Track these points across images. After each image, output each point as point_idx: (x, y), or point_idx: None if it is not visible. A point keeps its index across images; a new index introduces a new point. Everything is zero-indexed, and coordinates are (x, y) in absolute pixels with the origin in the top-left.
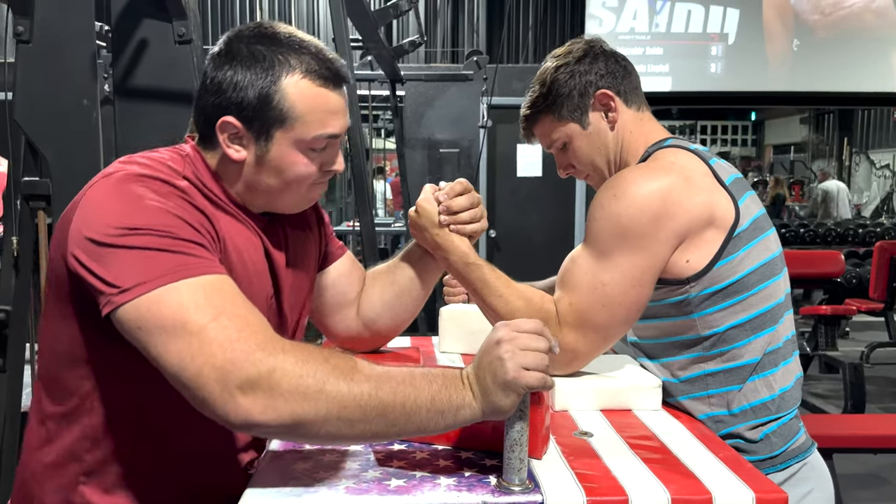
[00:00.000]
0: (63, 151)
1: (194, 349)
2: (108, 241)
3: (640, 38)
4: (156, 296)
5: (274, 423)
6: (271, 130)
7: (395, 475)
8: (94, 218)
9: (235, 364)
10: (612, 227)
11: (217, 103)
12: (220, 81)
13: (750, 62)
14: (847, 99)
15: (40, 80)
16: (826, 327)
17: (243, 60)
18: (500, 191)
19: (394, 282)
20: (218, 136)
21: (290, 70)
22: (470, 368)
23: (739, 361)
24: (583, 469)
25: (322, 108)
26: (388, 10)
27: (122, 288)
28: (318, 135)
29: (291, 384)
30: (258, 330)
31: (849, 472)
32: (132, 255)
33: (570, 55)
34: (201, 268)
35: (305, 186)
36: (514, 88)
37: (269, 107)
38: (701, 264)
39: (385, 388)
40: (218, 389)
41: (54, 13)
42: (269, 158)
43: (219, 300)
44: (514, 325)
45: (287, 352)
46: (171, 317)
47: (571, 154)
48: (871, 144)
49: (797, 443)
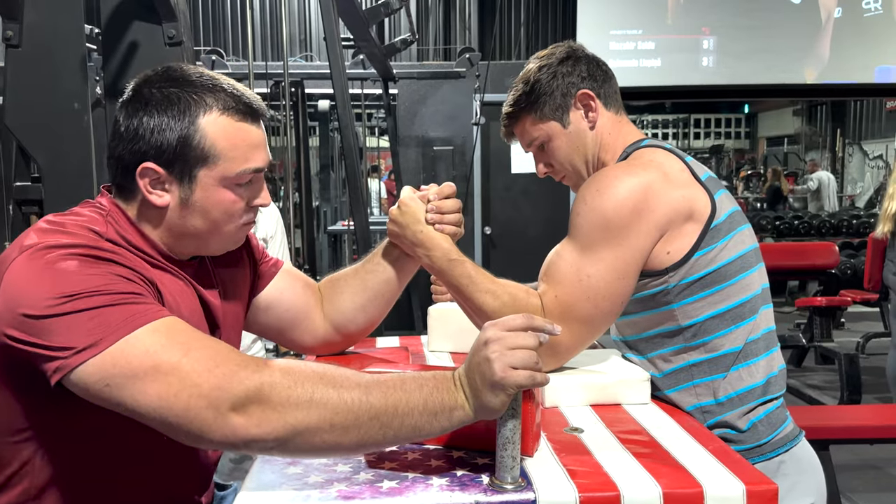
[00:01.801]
0: (55, 155)
1: (175, 387)
2: (47, 312)
3: (631, 32)
4: (117, 349)
5: (270, 437)
6: (194, 171)
7: (388, 477)
8: (25, 294)
9: (223, 388)
10: (596, 221)
11: (135, 150)
12: (136, 128)
13: (741, 55)
14: (839, 90)
15: (30, 85)
16: (821, 318)
17: (157, 104)
18: (495, 187)
19: (366, 286)
20: (138, 183)
21: (207, 108)
22: (461, 369)
23: (721, 351)
24: (574, 465)
25: (244, 142)
26: (379, 9)
27: (77, 349)
28: (242, 170)
29: (282, 396)
30: (230, 352)
31: (845, 462)
32: (79, 318)
33: (552, 57)
34: (151, 314)
35: (234, 225)
36: (507, 85)
37: (190, 147)
38: (680, 254)
39: (375, 393)
40: (212, 416)
41: (43, 17)
42: (194, 200)
43: (182, 338)
44: (503, 324)
45: (271, 366)
46: (141, 364)
47: (550, 153)
48: (864, 135)
49: (784, 431)
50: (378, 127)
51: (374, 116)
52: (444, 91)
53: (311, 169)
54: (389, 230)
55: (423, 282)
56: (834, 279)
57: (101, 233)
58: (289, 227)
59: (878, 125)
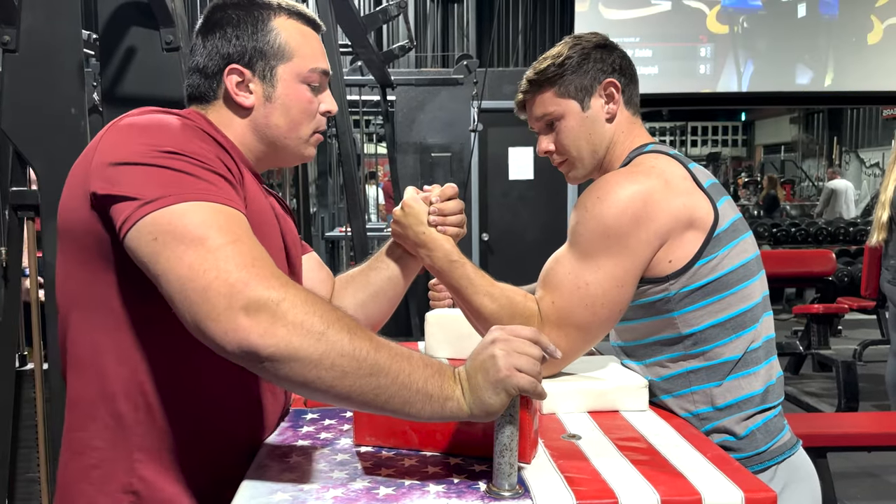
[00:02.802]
0: (51, 161)
1: (209, 263)
2: (136, 159)
3: (628, 40)
4: (179, 209)
5: (268, 351)
6: (275, 68)
7: (384, 483)
8: (120, 145)
9: (248, 284)
10: (596, 228)
11: (219, 56)
12: (218, 39)
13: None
14: (836, 98)
15: (27, 90)
16: (819, 326)
17: (233, 18)
18: (492, 194)
19: (368, 283)
20: (226, 85)
21: (276, 12)
22: (462, 368)
23: (721, 359)
24: (572, 472)
25: (312, 43)
26: (377, 16)
27: (144, 200)
28: (314, 67)
29: (297, 317)
30: (271, 262)
31: (843, 470)
32: (160, 172)
33: (588, 41)
34: (225, 198)
35: (309, 127)
36: (505, 92)
37: (268, 45)
38: (682, 262)
39: (384, 353)
40: (223, 305)
41: (41, 22)
42: (276, 96)
43: (238, 230)
44: (511, 330)
45: (299, 289)
46: (193, 231)
47: (560, 132)
48: (861, 143)
49: (782, 440)
50: (376, 133)
51: (372, 123)
52: (441, 98)
53: (308, 175)
54: (393, 230)
55: (420, 289)
56: (831, 286)
57: (191, 120)
58: None
59: (875, 133)
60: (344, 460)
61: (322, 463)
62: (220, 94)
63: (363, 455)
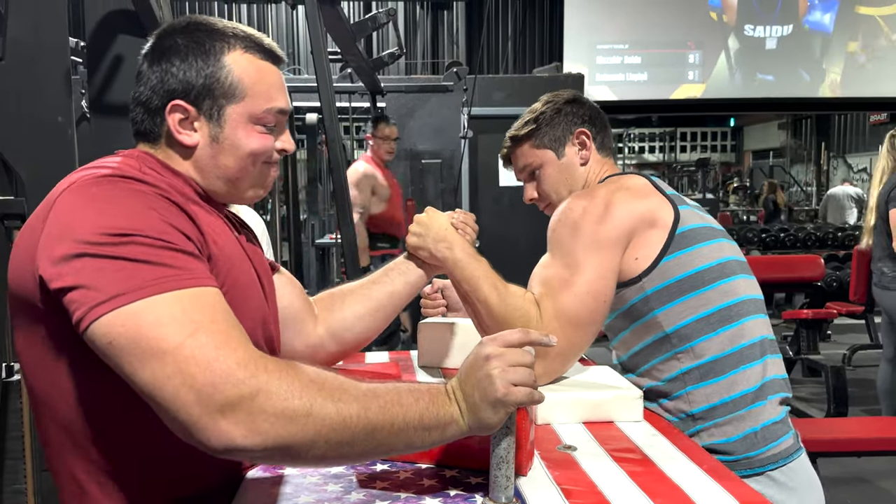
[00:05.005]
0: (38, 169)
1: (169, 370)
2: (86, 250)
3: (617, 47)
4: (132, 309)
5: (258, 448)
6: (223, 107)
7: (380, 497)
8: (71, 229)
9: (216, 386)
10: (569, 232)
11: (163, 91)
12: (164, 71)
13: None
14: (823, 104)
15: (14, 98)
16: (808, 331)
17: (182, 48)
18: (483, 200)
19: (370, 296)
20: (168, 122)
21: (231, 47)
22: (455, 383)
23: (710, 356)
24: (568, 484)
25: (267, 81)
26: (366, 23)
27: (97, 301)
28: (268, 108)
29: (277, 407)
30: (238, 346)
31: (833, 475)
32: (111, 264)
33: (559, 97)
34: (183, 280)
35: (260, 165)
36: (495, 98)
37: (218, 83)
38: (649, 260)
39: (373, 408)
40: (197, 412)
41: (27, 29)
42: (223, 137)
43: (197, 315)
44: (501, 339)
45: (270, 371)
46: (148, 332)
47: (540, 180)
48: (848, 148)
49: (784, 445)
50: (366, 140)
51: (362, 130)
52: (431, 104)
53: (298, 182)
54: (409, 239)
55: (415, 298)
56: (820, 291)
57: (138, 169)
58: (276, 240)
59: (862, 139)
60: (338, 473)
61: (316, 476)
62: (164, 131)
63: (357, 468)
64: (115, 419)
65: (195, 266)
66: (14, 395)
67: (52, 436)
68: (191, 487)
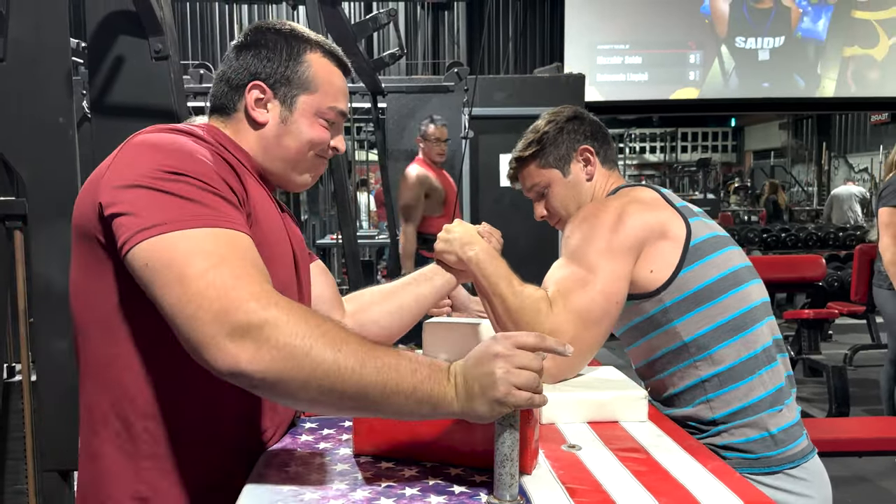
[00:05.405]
0: (39, 170)
1: (191, 292)
2: (140, 182)
3: (618, 47)
4: (171, 238)
5: (258, 375)
6: (296, 96)
7: (384, 494)
8: (130, 166)
9: (228, 312)
10: (583, 238)
11: (247, 72)
12: (251, 57)
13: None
14: (824, 104)
15: (15, 99)
16: (809, 331)
17: (272, 41)
18: (484, 200)
19: (396, 298)
20: (245, 98)
21: (313, 48)
22: (458, 367)
23: (729, 363)
24: (573, 483)
25: (337, 84)
26: (367, 24)
27: (142, 226)
28: (332, 106)
29: (280, 341)
30: (255, 282)
31: (835, 475)
32: (160, 197)
33: (561, 115)
34: (220, 220)
35: (318, 156)
36: (496, 99)
37: (296, 75)
38: (666, 274)
39: (369, 367)
40: (210, 333)
41: (29, 30)
42: (291, 121)
43: (225, 250)
44: (515, 340)
45: (281, 307)
46: (180, 259)
47: (549, 198)
48: (849, 148)
49: (800, 446)
50: (367, 140)
51: (363, 130)
52: (432, 105)
53: None
54: (437, 244)
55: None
56: (821, 291)
57: (202, 136)
58: None
59: (863, 138)
60: (343, 470)
61: (321, 472)
62: (241, 106)
63: (363, 465)
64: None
65: (234, 214)
66: (15, 396)
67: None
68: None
